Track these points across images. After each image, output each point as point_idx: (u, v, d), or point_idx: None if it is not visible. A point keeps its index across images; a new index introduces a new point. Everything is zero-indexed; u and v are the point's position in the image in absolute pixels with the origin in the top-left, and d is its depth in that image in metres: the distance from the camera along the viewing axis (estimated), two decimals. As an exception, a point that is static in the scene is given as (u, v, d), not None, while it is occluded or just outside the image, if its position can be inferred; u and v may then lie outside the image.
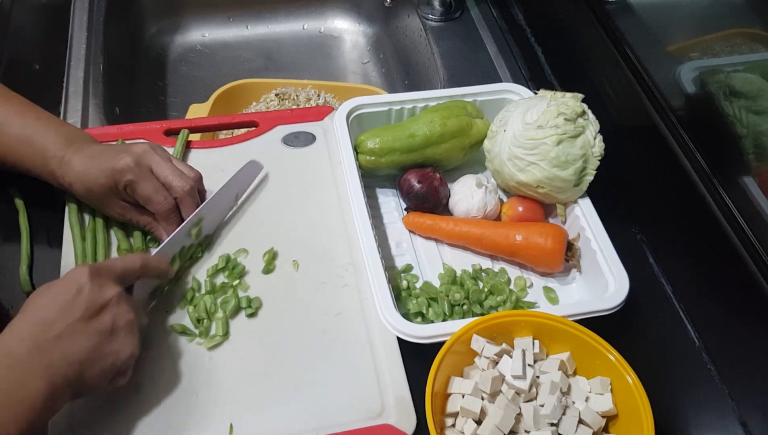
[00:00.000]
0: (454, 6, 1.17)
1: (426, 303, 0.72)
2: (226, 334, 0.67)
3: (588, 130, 0.76)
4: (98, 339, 0.54)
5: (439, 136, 0.81)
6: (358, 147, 0.82)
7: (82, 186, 0.69)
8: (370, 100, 0.86)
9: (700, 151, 0.73)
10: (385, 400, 0.64)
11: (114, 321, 0.56)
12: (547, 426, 0.59)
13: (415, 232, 0.81)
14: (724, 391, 0.71)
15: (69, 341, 0.53)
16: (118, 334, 0.56)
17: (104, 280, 0.57)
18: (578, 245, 0.76)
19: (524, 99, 0.84)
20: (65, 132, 0.72)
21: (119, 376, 0.57)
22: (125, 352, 0.56)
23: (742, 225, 0.67)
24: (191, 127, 0.86)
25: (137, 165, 0.69)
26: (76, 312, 0.54)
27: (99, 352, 0.54)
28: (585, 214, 0.77)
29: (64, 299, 0.54)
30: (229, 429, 0.61)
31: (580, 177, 0.76)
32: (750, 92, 0.68)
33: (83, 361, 0.53)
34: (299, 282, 0.73)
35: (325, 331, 0.69)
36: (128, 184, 0.69)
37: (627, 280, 0.70)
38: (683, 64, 0.79)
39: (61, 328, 0.53)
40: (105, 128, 0.86)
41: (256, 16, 1.30)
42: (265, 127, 0.88)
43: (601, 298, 0.70)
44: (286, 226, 0.78)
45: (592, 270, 0.75)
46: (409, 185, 0.81)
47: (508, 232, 0.77)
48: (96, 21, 1.07)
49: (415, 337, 0.65)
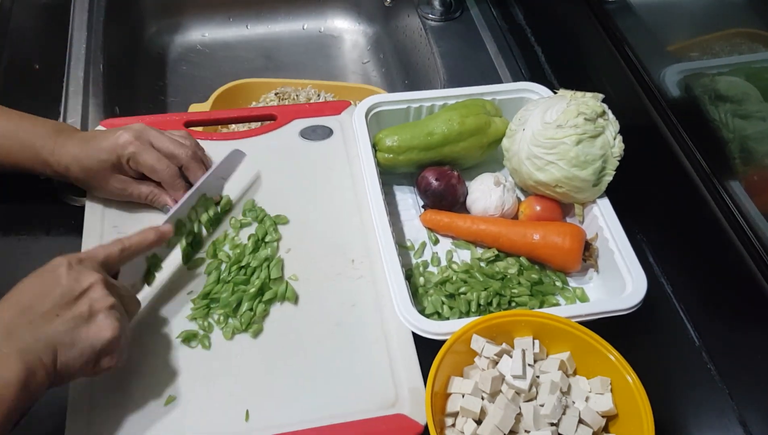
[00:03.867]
0: (454, 6, 1.17)
1: (441, 302, 0.72)
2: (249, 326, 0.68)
3: (608, 130, 0.76)
4: (74, 323, 0.54)
5: (458, 134, 0.81)
6: (377, 144, 0.83)
7: (79, 167, 0.71)
8: (389, 97, 0.87)
9: (700, 151, 0.73)
10: (399, 390, 0.64)
11: (91, 306, 0.55)
12: (547, 426, 0.59)
13: (432, 229, 0.82)
14: (724, 391, 0.71)
15: (42, 326, 0.53)
16: (96, 317, 0.56)
17: (83, 269, 0.57)
18: (596, 245, 0.76)
19: (544, 98, 0.84)
20: (51, 124, 0.74)
21: (104, 358, 0.56)
22: (104, 335, 0.55)
23: (742, 225, 0.67)
24: (210, 119, 0.88)
25: (138, 138, 0.71)
26: (51, 299, 0.54)
27: (75, 335, 0.54)
28: (603, 213, 0.77)
29: (41, 287, 0.55)
30: (245, 415, 0.62)
31: (599, 177, 0.76)
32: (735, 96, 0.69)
33: (58, 344, 0.53)
34: (315, 273, 0.73)
35: (339, 322, 0.70)
36: (131, 156, 0.71)
37: (645, 280, 0.70)
38: (683, 63, 0.79)
39: (34, 314, 0.53)
40: (125, 119, 0.86)
41: (256, 15, 1.30)
42: (283, 120, 0.88)
43: (619, 298, 0.70)
44: (301, 218, 0.79)
45: (609, 270, 0.75)
46: (427, 183, 0.81)
47: (525, 231, 0.77)
48: (96, 21, 1.07)
49: (433, 334, 0.65)
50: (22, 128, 0.72)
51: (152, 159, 0.72)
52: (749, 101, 0.67)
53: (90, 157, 0.71)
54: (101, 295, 0.56)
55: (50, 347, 0.53)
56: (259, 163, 0.83)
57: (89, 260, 0.58)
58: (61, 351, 0.53)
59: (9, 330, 0.52)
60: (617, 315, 0.68)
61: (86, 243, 0.72)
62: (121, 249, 0.62)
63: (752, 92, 0.67)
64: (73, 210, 0.77)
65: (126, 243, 0.63)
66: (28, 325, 0.53)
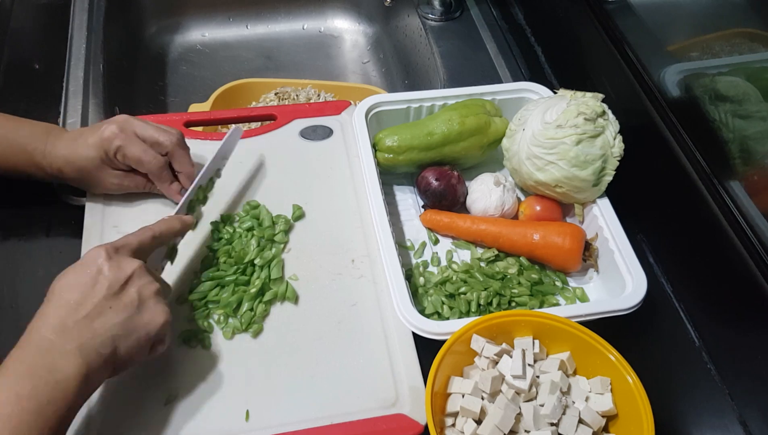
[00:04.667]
0: (454, 6, 1.17)
1: (441, 302, 0.72)
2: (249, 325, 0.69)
3: (608, 130, 0.76)
4: (127, 313, 0.55)
5: (458, 134, 0.81)
6: (377, 145, 0.83)
7: (72, 167, 0.71)
8: (389, 97, 0.87)
9: (700, 151, 0.73)
10: (399, 390, 0.65)
11: (140, 293, 0.57)
12: (547, 426, 0.59)
13: (433, 229, 0.82)
14: (724, 391, 0.71)
15: (98, 320, 0.54)
16: (147, 304, 0.57)
17: (122, 257, 0.58)
18: (596, 245, 0.76)
19: (543, 98, 0.84)
20: (41, 127, 0.74)
21: (158, 344, 0.58)
22: (158, 320, 0.57)
23: (742, 225, 0.67)
24: (210, 119, 0.88)
25: (122, 130, 0.71)
26: (100, 291, 0.55)
27: (130, 325, 0.55)
28: (603, 213, 0.77)
29: (87, 280, 0.55)
30: (245, 415, 0.62)
31: (599, 177, 0.76)
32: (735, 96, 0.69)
33: (115, 337, 0.54)
34: (315, 273, 0.74)
35: (340, 321, 0.70)
36: (117, 149, 0.71)
37: (645, 280, 0.70)
38: (683, 63, 0.79)
39: (88, 309, 0.54)
40: None
41: (256, 15, 1.30)
42: (283, 120, 0.89)
43: (619, 297, 0.70)
44: (302, 217, 0.79)
45: (609, 270, 0.75)
46: (427, 183, 0.81)
47: (525, 231, 0.77)
48: (96, 21, 1.07)
49: (433, 334, 0.65)
50: (13, 131, 0.72)
51: (138, 151, 0.71)
52: (749, 101, 0.67)
53: (79, 155, 0.71)
54: (146, 281, 0.58)
55: (108, 340, 0.54)
56: (259, 163, 0.83)
57: (125, 248, 0.59)
58: (119, 342, 0.54)
59: (65, 327, 0.53)
60: (617, 315, 0.68)
61: (86, 243, 0.72)
62: (152, 236, 0.63)
63: (752, 92, 0.67)
64: (73, 210, 0.77)
65: (156, 230, 0.63)
66: (84, 319, 0.53)
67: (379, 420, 0.62)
